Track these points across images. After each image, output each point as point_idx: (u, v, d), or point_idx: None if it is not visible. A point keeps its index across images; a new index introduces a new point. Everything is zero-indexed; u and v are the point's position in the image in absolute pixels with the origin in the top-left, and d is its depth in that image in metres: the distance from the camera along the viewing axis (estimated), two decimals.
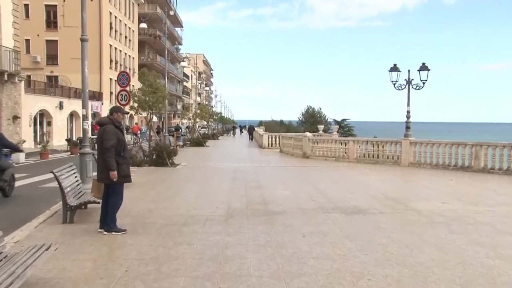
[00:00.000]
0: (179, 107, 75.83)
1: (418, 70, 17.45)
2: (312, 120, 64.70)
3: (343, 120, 62.51)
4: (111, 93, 43.38)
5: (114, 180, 5.98)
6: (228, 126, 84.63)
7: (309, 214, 7.73)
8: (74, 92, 33.87)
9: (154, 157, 16.11)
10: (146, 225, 6.77)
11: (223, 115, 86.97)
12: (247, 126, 76.08)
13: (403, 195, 9.92)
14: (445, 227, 6.75)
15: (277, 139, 29.41)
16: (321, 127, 33.01)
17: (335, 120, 62.39)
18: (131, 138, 33.44)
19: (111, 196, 6.20)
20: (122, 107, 14.56)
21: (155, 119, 48.48)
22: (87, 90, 9.84)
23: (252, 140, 46.01)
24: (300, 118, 70.20)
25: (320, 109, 69.45)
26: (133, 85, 45.31)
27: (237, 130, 64.86)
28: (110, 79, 43.08)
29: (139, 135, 30.14)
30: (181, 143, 29.63)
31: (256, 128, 53.06)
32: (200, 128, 62.45)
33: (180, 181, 12.29)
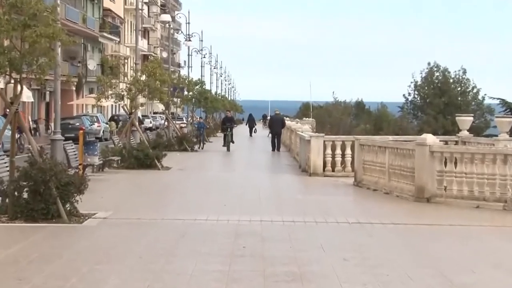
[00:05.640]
0: (92, 66, 76.25)
1: None
2: (441, 101, 64.23)
3: None
4: None
5: None
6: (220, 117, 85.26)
7: None
8: None
9: (23, 196, 16.43)
10: None
11: (207, 88, 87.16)
12: (267, 116, 75.68)
13: None
14: None
15: (348, 150, 29.51)
16: (466, 120, 32.70)
17: (503, 102, 61.93)
18: None
19: None
20: None
21: (27, 97, 47.87)
22: None
23: (277, 150, 46.91)
24: (410, 96, 70.12)
25: (464, 73, 68.93)
26: None
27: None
28: None
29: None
30: (96, 162, 29.38)
31: (289, 122, 52.97)
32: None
33: (93, 263, 12.41)
